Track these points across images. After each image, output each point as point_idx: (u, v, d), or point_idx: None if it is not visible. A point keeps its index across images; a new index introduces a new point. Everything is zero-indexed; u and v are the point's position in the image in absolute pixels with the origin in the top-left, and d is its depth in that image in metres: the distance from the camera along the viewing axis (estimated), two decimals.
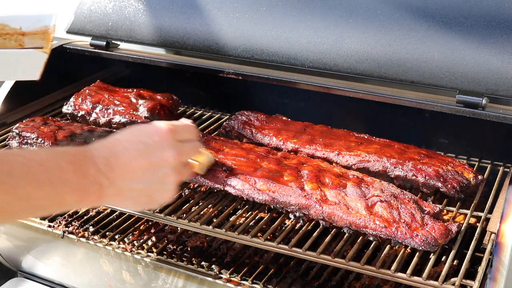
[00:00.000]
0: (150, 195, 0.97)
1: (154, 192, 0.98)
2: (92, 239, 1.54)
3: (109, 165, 0.91)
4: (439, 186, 1.34)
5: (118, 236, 1.56)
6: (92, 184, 0.89)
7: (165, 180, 0.98)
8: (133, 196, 0.95)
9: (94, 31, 1.77)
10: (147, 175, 0.95)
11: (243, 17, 1.59)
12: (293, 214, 1.32)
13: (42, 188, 0.83)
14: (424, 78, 1.37)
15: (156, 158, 0.96)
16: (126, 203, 0.98)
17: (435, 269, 1.25)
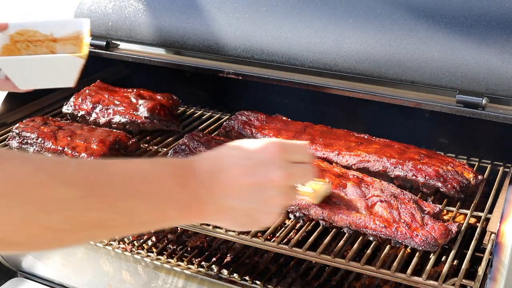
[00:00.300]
0: (253, 217, 0.88)
1: (257, 214, 0.88)
2: None
3: (212, 179, 0.84)
4: (439, 186, 1.34)
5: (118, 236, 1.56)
6: (194, 199, 0.82)
7: (271, 202, 0.88)
8: (234, 215, 0.87)
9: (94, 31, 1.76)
10: (251, 194, 0.86)
11: (243, 17, 1.59)
12: (293, 214, 1.32)
13: (144, 202, 0.76)
14: (424, 78, 1.37)
15: (263, 177, 0.86)
16: (226, 222, 0.90)
17: (435, 269, 1.25)
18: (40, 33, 1.34)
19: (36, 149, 1.57)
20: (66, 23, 1.36)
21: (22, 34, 1.32)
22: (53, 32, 1.34)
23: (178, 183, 0.80)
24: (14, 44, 1.30)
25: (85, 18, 1.35)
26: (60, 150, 1.53)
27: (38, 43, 1.34)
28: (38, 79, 1.27)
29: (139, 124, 1.69)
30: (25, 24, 1.33)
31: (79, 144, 1.53)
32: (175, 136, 1.72)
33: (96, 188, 0.71)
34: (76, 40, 1.34)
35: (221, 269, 1.43)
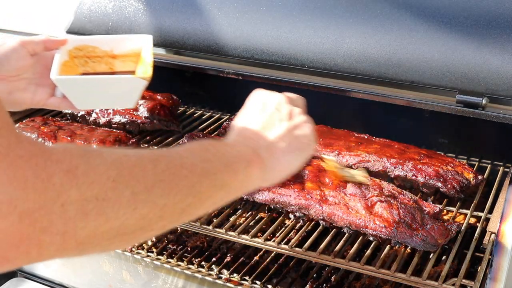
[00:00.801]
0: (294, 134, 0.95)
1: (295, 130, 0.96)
2: None
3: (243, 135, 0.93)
4: (439, 186, 1.34)
5: None
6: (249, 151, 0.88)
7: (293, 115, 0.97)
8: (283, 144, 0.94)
9: (94, 31, 1.76)
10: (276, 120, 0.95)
11: (243, 17, 1.59)
12: (293, 214, 1.32)
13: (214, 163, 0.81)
14: (424, 78, 1.37)
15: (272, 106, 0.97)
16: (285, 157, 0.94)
17: (435, 269, 1.25)
18: (100, 49, 1.27)
19: None
20: (126, 39, 1.28)
21: (81, 49, 1.25)
22: (113, 48, 1.26)
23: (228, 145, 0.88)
24: (72, 60, 1.24)
25: (148, 35, 1.27)
26: None
27: (97, 59, 1.27)
28: (97, 100, 1.22)
29: (139, 124, 1.69)
30: (84, 39, 1.27)
31: (79, 144, 1.53)
32: (175, 136, 1.72)
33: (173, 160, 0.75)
34: (136, 57, 1.27)
35: (221, 269, 1.43)
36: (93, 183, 0.62)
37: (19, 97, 1.21)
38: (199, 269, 1.44)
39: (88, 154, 0.65)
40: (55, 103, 1.24)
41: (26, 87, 1.21)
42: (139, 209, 0.68)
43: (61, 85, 1.17)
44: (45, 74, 1.23)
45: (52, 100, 1.24)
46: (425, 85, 1.37)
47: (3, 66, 1.17)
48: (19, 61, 1.18)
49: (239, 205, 1.45)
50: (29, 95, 1.22)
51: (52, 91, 1.23)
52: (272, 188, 1.30)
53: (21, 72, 1.19)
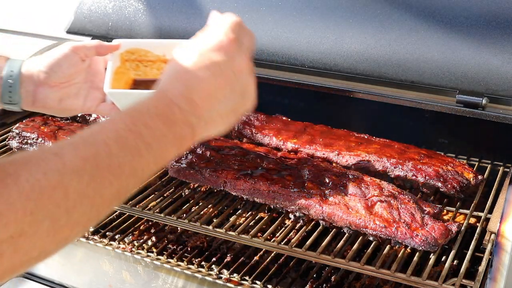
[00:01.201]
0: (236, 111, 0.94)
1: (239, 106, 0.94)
2: (92, 239, 1.54)
3: (192, 101, 0.85)
4: (439, 186, 1.34)
5: (118, 236, 1.56)
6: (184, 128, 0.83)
7: (247, 89, 0.95)
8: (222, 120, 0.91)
9: (94, 31, 1.76)
10: (229, 93, 0.90)
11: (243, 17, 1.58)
12: (293, 214, 1.32)
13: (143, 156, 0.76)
14: (424, 78, 1.37)
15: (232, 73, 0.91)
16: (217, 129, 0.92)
17: (435, 269, 1.25)
18: (152, 54, 1.24)
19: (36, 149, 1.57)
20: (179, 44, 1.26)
21: (133, 53, 1.22)
22: (165, 53, 1.23)
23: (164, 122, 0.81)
24: (123, 65, 1.22)
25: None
26: None
27: (148, 64, 1.24)
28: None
29: None
30: (136, 43, 1.24)
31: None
32: None
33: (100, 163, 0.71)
34: None
35: (221, 269, 1.43)
36: (6, 224, 0.60)
37: (70, 103, 1.18)
38: (199, 269, 1.44)
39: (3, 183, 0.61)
40: (105, 109, 1.21)
41: (77, 93, 1.18)
42: (60, 233, 0.66)
43: (114, 98, 1.15)
44: (96, 79, 1.21)
45: (103, 106, 1.21)
46: (425, 85, 1.37)
47: (55, 73, 1.14)
48: (71, 67, 1.15)
49: (239, 205, 1.45)
50: (80, 102, 1.19)
51: (103, 96, 1.21)
52: (272, 188, 1.30)
53: (73, 78, 1.16)
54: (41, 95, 1.15)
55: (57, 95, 1.16)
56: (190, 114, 0.84)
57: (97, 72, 1.21)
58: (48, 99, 1.16)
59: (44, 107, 1.18)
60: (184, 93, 0.85)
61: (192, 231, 1.51)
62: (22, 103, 1.16)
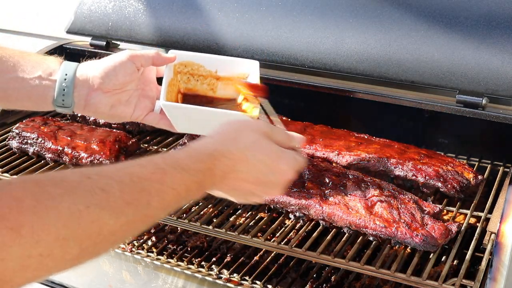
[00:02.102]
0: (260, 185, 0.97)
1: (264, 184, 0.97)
2: None
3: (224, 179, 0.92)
4: (439, 186, 1.34)
5: None
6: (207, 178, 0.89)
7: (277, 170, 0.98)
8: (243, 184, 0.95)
9: (94, 31, 1.76)
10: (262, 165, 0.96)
11: (243, 17, 1.59)
12: (293, 214, 1.32)
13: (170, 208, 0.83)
14: (424, 78, 1.37)
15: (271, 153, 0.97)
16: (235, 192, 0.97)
17: (435, 269, 1.25)
18: (205, 68, 1.25)
19: (36, 149, 1.57)
20: (232, 62, 1.27)
21: (186, 65, 1.24)
22: (217, 69, 1.24)
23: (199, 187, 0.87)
24: (175, 76, 1.23)
25: (254, 61, 1.24)
26: (60, 150, 1.53)
27: (200, 78, 1.25)
28: (198, 127, 1.20)
29: (139, 124, 1.69)
30: (191, 56, 1.25)
31: (79, 144, 1.53)
32: (175, 136, 1.72)
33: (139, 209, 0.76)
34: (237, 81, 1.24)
35: (221, 269, 1.43)
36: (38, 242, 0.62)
37: (121, 110, 1.20)
38: (199, 269, 1.44)
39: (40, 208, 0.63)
40: (154, 120, 1.23)
41: (128, 100, 1.19)
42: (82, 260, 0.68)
43: (167, 110, 1.16)
44: (146, 87, 1.22)
45: (151, 116, 1.22)
46: (425, 85, 1.37)
47: (110, 80, 1.15)
48: (126, 76, 1.16)
49: (239, 205, 1.45)
50: (130, 109, 1.20)
51: (152, 106, 1.22)
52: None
53: (126, 86, 1.18)
54: (93, 100, 1.16)
55: (109, 101, 1.17)
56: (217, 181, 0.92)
57: (149, 81, 1.23)
58: (100, 104, 1.17)
59: (95, 112, 1.19)
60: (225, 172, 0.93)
61: (192, 231, 1.51)
62: (75, 106, 1.17)
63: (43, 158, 1.58)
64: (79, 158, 1.51)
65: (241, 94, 1.21)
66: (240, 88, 1.20)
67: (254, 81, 1.20)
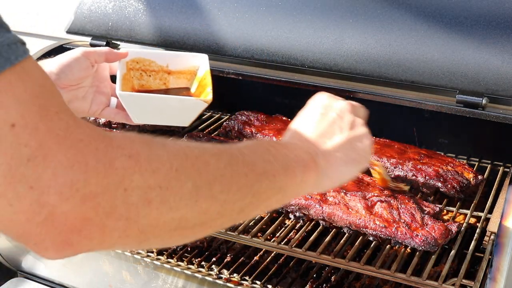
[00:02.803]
0: (353, 146, 0.94)
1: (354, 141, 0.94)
2: None
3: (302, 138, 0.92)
4: (439, 186, 1.34)
5: None
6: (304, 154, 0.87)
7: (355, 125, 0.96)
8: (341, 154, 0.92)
9: (94, 31, 1.76)
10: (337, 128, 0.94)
11: (243, 17, 1.59)
12: (293, 214, 1.32)
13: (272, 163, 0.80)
14: (424, 78, 1.37)
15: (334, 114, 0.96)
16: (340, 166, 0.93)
17: (435, 269, 1.25)
18: (156, 64, 1.29)
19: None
20: (182, 56, 1.32)
21: (138, 62, 1.28)
22: (168, 64, 1.29)
23: (284, 148, 0.86)
24: (128, 73, 1.27)
25: (204, 54, 1.30)
26: None
27: (152, 73, 1.30)
28: (155, 116, 1.24)
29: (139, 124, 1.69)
30: (142, 53, 1.29)
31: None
32: (175, 136, 1.72)
33: (234, 156, 0.75)
34: (190, 74, 1.30)
35: (221, 269, 1.43)
36: (156, 171, 0.62)
37: (78, 106, 1.22)
38: (199, 269, 1.44)
39: (150, 142, 0.64)
40: (110, 114, 1.26)
41: (84, 96, 1.23)
42: (200, 202, 0.67)
43: (124, 101, 1.19)
44: (102, 84, 1.26)
45: (108, 110, 1.26)
46: (425, 85, 1.37)
47: (66, 76, 1.18)
48: (81, 71, 1.19)
49: None
50: (87, 105, 1.23)
51: (108, 101, 1.25)
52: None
53: (81, 81, 1.21)
54: None
55: (66, 97, 1.20)
56: (306, 146, 0.90)
57: (103, 78, 1.26)
58: None
59: None
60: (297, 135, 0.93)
61: None
62: None
63: None
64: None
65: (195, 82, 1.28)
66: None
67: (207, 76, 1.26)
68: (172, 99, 1.22)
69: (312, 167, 0.87)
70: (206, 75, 1.27)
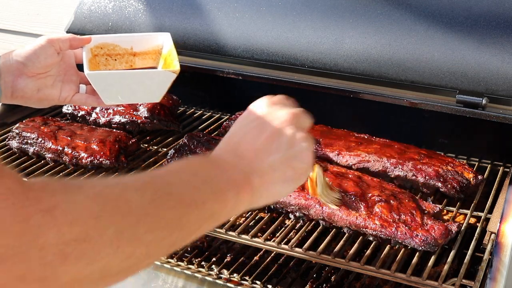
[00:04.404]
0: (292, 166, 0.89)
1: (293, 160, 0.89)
2: None
3: (237, 155, 0.85)
4: (439, 186, 1.34)
5: None
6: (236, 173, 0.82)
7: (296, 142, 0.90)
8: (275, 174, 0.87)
9: (94, 31, 1.76)
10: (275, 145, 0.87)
11: (243, 17, 1.59)
12: (293, 214, 1.32)
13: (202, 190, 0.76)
14: (424, 78, 1.37)
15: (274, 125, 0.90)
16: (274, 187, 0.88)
17: (435, 269, 1.25)
18: (120, 47, 1.32)
19: (36, 149, 1.57)
20: (145, 37, 1.34)
21: (102, 47, 1.30)
22: (133, 46, 1.32)
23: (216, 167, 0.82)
24: (94, 58, 1.29)
25: (166, 33, 1.32)
26: (60, 150, 1.53)
27: (117, 57, 1.32)
28: (126, 94, 1.24)
29: (139, 124, 1.69)
30: (105, 37, 1.31)
31: (79, 144, 1.53)
32: (175, 136, 1.72)
33: (159, 188, 0.71)
34: (155, 54, 1.32)
35: (221, 269, 1.43)
36: (73, 223, 0.58)
37: (48, 93, 1.26)
38: (199, 269, 1.44)
39: (68, 188, 0.61)
40: (81, 99, 1.28)
41: (53, 84, 1.26)
42: (123, 248, 0.64)
43: (93, 80, 1.20)
44: (69, 72, 1.29)
45: (78, 96, 1.28)
46: (425, 85, 1.37)
47: (33, 64, 1.21)
48: (47, 58, 1.22)
49: None
50: (56, 92, 1.26)
51: (77, 88, 1.28)
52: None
53: (49, 69, 1.24)
54: (20, 85, 1.22)
55: (35, 85, 1.24)
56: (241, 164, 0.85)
57: (69, 66, 1.29)
58: (26, 88, 1.23)
59: (23, 97, 1.25)
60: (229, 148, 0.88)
61: None
62: (2, 95, 1.22)
63: (43, 158, 1.58)
64: (79, 158, 1.51)
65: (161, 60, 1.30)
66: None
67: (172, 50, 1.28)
68: (140, 73, 1.25)
69: (245, 189, 0.82)
70: (171, 52, 1.28)
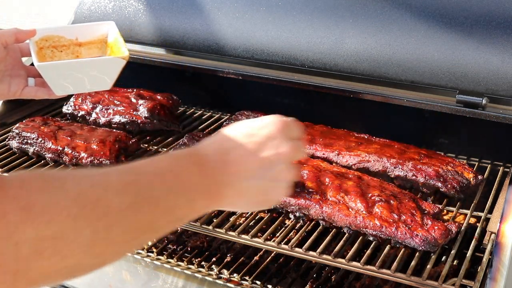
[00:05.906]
0: (266, 193, 0.89)
1: (269, 190, 0.89)
2: None
3: (224, 163, 0.84)
4: (439, 186, 1.34)
5: None
6: (214, 185, 0.83)
7: (280, 176, 0.88)
8: (248, 194, 0.87)
9: None
10: (263, 171, 0.86)
11: (243, 17, 1.59)
12: (293, 214, 1.32)
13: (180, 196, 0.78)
14: (424, 78, 1.37)
15: (271, 152, 0.87)
16: (241, 203, 0.90)
17: (435, 269, 1.25)
18: (65, 38, 1.32)
19: (36, 149, 1.57)
20: (90, 27, 1.34)
21: (47, 40, 1.30)
22: (77, 37, 1.32)
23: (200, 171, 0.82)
24: (40, 51, 1.29)
25: (110, 21, 1.33)
26: (60, 150, 1.53)
27: (63, 48, 1.32)
28: (77, 83, 1.24)
29: (139, 124, 1.69)
30: (49, 30, 1.31)
31: (79, 144, 1.53)
32: (175, 136, 1.72)
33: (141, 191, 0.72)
34: (101, 43, 1.33)
35: (221, 269, 1.43)
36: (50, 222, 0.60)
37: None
38: (199, 269, 1.44)
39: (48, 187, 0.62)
40: (31, 92, 1.27)
41: (2, 79, 1.25)
42: (96, 247, 0.66)
43: (43, 71, 1.20)
44: (16, 66, 1.27)
45: (27, 89, 1.27)
46: (425, 85, 1.37)
47: None
48: None
49: None
50: (5, 87, 1.25)
51: (26, 82, 1.27)
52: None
53: None
54: None
55: None
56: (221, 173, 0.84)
57: (16, 60, 1.28)
58: None
59: None
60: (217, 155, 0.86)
61: (192, 231, 1.51)
62: None
63: (43, 158, 1.58)
64: (79, 158, 1.51)
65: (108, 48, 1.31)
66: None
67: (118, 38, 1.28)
68: (90, 61, 1.24)
69: (215, 199, 0.84)
70: (116, 39, 1.28)
